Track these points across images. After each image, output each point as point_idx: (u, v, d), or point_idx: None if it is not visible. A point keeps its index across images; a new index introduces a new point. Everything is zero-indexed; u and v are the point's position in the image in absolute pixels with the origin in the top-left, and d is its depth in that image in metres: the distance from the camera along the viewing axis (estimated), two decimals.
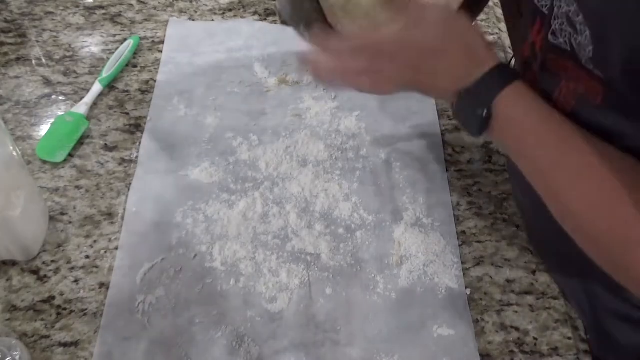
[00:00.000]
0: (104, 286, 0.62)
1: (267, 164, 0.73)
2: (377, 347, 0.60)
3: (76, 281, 0.62)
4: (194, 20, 0.91)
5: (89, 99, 0.78)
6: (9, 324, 0.59)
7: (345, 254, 0.66)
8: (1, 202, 0.56)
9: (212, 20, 0.91)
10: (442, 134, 0.78)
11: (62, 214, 0.67)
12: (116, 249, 0.65)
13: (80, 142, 0.74)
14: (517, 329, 0.62)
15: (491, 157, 0.77)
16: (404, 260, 0.66)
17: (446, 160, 0.75)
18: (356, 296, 0.63)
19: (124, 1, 0.93)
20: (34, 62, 0.83)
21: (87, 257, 0.64)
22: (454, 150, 0.76)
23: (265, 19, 0.91)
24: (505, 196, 0.72)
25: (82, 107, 0.76)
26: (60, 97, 0.79)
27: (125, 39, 0.86)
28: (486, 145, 0.78)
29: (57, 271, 0.63)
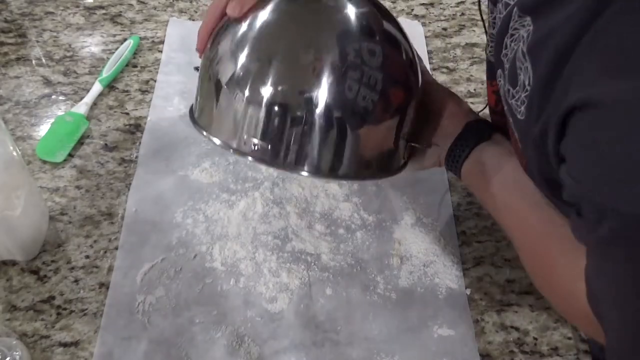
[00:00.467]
0: (104, 286, 0.62)
1: None
2: (377, 347, 0.60)
3: (76, 281, 0.62)
4: (194, 20, 0.91)
5: (89, 99, 0.78)
6: (9, 324, 0.59)
7: (345, 254, 0.66)
8: (1, 202, 0.56)
9: None
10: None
11: (62, 214, 0.67)
12: (116, 249, 0.65)
13: (80, 142, 0.74)
14: (517, 329, 0.62)
15: None
16: (404, 260, 0.66)
17: None
18: (356, 296, 0.63)
19: (124, 1, 0.93)
20: (34, 62, 0.83)
21: (87, 257, 0.64)
22: None
23: None
24: None
25: (82, 107, 0.76)
26: (60, 97, 0.79)
27: (125, 39, 0.86)
28: None
29: (57, 271, 0.63)
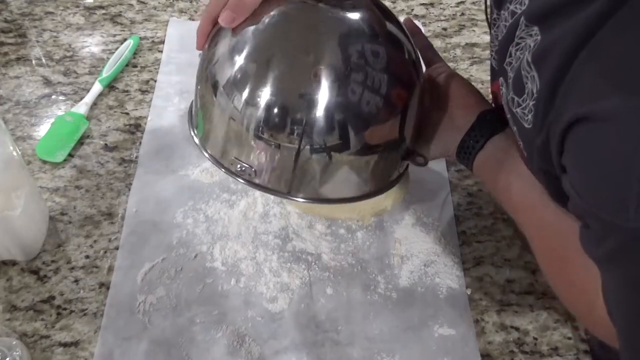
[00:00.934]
0: (104, 286, 0.62)
1: None
2: (377, 346, 0.60)
3: (76, 281, 0.62)
4: (194, 20, 0.91)
5: (89, 99, 0.78)
6: (9, 324, 0.58)
7: (346, 254, 0.66)
8: (1, 202, 0.56)
9: None
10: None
11: (62, 214, 0.67)
12: (116, 249, 0.65)
13: (80, 142, 0.74)
14: (517, 329, 0.62)
15: None
16: (404, 260, 0.66)
17: (446, 160, 0.75)
18: (357, 296, 0.63)
19: (124, 1, 0.93)
20: (34, 62, 0.83)
21: (87, 257, 0.64)
22: None
23: None
24: None
25: (82, 107, 0.76)
26: (60, 97, 0.79)
27: (125, 39, 0.86)
28: None
29: (57, 271, 0.63)
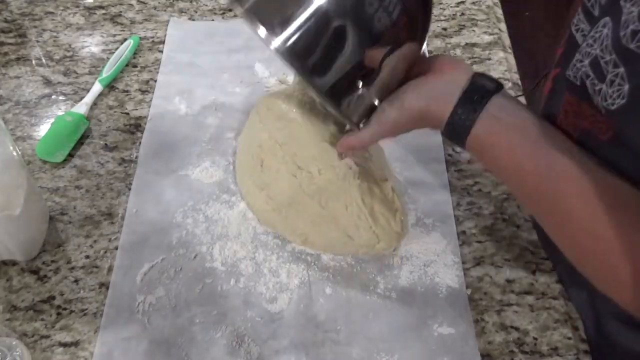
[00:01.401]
0: (104, 286, 0.62)
1: None
2: (377, 346, 0.60)
3: (76, 281, 0.62)
4: (194, 20, 0.91)
5: (89, 99, 0.78)
6: (9, 324, 0.59)
7: (345, 254, 0.66)
8: (1, 202, 0.56)
9: (212, 20, 0.91)
10: (442, 134, 0.78)
11: (62, 214, 0.67)
12: (116, 249, 0.65)
13: (80, 142, 0.74)
14: (517, 329, 0.62)
15: None
16: (404, 260, 0.66)
17: (446, 160, 0.75)
18: (356, 296, 0.63)
19: (124, 1, 0.93)
20: (34, 62, 0.83)
21: (87, 257, 0.64)
22: (454, 150, 0.76)
23: None
24: (505, 196, 0.72)
25: (82, 107, 0.76)
26: (60, 97, 0.79)
27: (125, 39, 0.86)
28: None
29: (57, 271, 0.63)
